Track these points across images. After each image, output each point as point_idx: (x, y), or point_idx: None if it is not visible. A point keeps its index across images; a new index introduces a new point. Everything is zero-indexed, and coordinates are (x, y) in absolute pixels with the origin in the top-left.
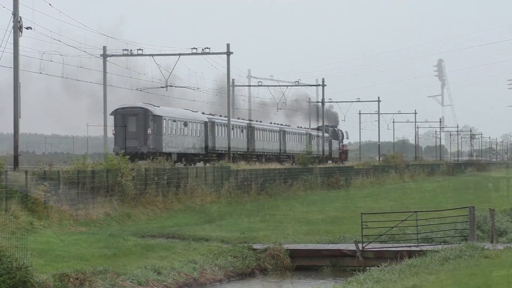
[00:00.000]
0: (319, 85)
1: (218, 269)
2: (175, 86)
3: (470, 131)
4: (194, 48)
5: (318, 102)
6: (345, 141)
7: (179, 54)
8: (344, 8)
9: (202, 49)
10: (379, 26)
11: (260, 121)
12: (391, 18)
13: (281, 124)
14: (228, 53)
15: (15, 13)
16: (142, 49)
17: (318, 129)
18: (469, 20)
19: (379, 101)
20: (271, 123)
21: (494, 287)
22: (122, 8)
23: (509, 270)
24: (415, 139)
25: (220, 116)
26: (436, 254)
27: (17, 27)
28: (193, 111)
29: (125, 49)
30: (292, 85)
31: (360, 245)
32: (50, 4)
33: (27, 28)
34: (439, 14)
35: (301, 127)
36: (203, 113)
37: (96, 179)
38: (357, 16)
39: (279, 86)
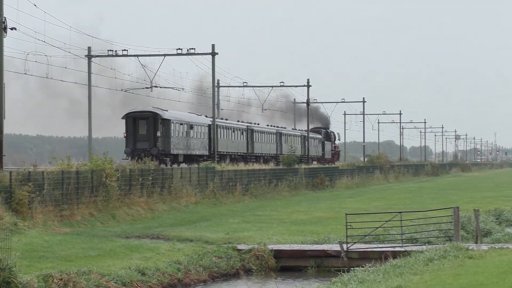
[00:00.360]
0: (304, 85)
1: (203, 270)
2: (160, 87)
3: (455, 131)
4: (179, 48)
5: (303, 102)
6: (337, 142)
7: (164, 55)
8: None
9: (187, 50)
10: (372, 25)
11: (258, 124)
12: (385, 17)
13: (278, 126)
14: (213, 54)
15: (0, 13)
16: (127, 50)
17: (311, 130)
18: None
19: (364, 101)
20: (268, 125)
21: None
22: (102, 7)
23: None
24: (400, 140)
25: (221, 119)
26: (421, 255)
27: (1, 28)
28: (198, 115)
29: (110, 50)
30: (277, 86)
31: (344, 246)
32: (35, 5)
33: (11, 29)
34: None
35: (295, 129)
36: (206, 116)
37: (80, 179)
38: (345, 16)
39: (264, 86)
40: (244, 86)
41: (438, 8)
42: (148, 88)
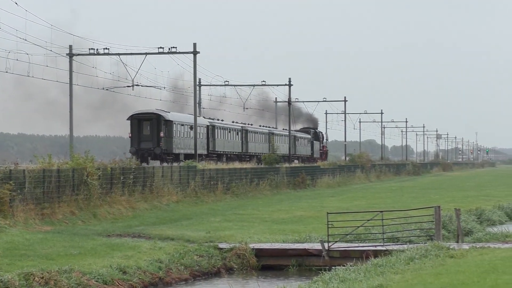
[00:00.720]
0: (285, 84)
1: (184, 269)
2: (142, 85)
3: (436, 130)
4: (160, 47)
5: (284, 101)
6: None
7: (146, 53)
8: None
9: (169, 48)
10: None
11: (251, 124)
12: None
13: (269, 127)
14: (195, 53)
15: None
16: (108, 48)
17: (301, 130)
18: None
19: (345, 100)
20: (260, 125)
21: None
22: (81, 4)
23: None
24: (381, 139)
25: (218, 120)
26: (402, 254)
27: None
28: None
29: (92, 48)
30: (258, 85)
31: (326, 245)
32: (16, 3)
33: None
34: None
35: (285, 129)
36: (204, 117)
37: (61, 178)
38: (328, 15)
39: (246, 85)
40: (225, 85)
41: (422, 9)
42: (130, 86)
